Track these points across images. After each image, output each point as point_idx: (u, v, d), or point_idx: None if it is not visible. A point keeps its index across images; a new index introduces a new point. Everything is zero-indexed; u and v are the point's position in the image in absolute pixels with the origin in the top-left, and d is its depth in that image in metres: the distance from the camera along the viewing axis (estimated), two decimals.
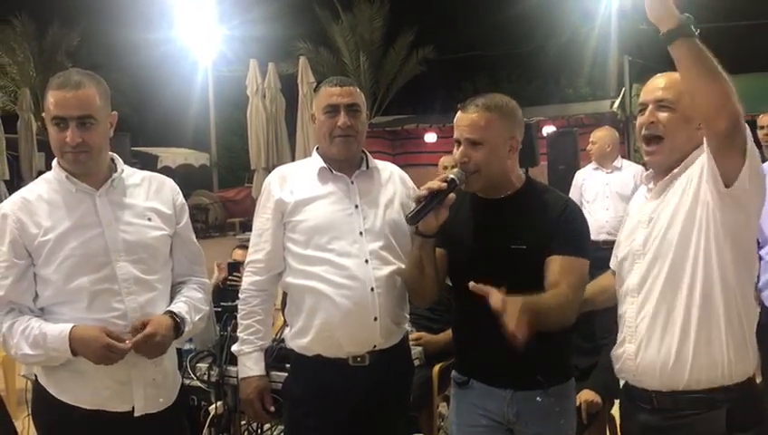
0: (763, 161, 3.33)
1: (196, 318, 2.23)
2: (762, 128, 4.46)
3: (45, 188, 2.14)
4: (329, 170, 2.39)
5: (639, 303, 1.95)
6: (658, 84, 1.97)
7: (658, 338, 1.90)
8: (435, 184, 2.07)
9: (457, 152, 2.15)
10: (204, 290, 2.33)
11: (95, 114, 2.08)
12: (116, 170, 2.19)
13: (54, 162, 2.18)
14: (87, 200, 2.13)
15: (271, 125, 9.90)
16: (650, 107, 1.96)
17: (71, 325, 2.03)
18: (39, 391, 2.17)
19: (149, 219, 2.19)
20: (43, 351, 2.04)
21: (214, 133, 21.46)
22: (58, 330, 2.03)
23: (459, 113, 2.18)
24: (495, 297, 1.86)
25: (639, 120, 2.00)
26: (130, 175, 2.24)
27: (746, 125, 1.74)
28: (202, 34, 19.99)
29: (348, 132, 2.35)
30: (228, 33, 20.24)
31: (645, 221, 1.98)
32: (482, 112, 2.13)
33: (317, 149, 2.49)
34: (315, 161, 2.44)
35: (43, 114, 2.12)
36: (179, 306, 2.19)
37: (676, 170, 1.94)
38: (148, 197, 2.23)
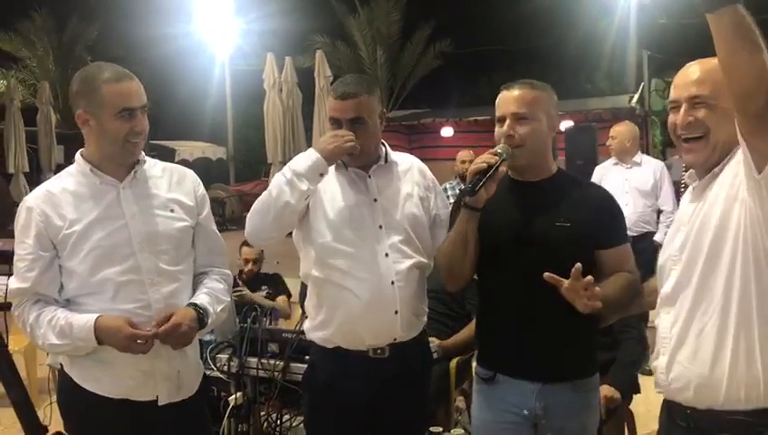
0: None
1: (219, 309, 2.25)
2: None
3: (70, 181, 2.16)
4: (344, 166, 2.40)
5: (675, 312, 1.80)
6: (691, 77, 1.79)
7: (691, 350, 1.74)
8: (488, 157, 2.09)
9: (503, 128, 2.17)
10: (225, 281, 2.35)
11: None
12: (138, 162, 2.21)
13: (78, 155, 2.20)
14: (111, 192, 2.15)
15: (287, 119, 9.92)
16: (684, 105, 1.78)
17: (96, 315, 2.05)
18: (65, 379, 2.20)
19: (172, 211, 2.21)
20: (69, 340, 2.06)
21: (231, 127, 21.56)
22: (84, 320, 2.05)
23: (503, 92, 2.22)
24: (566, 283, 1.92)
25: (672, 119, 1.83)
26: (152, 166, 2.26)
27: None
28: (219, 28, 20.05)
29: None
30: (245, 27, 20.28)
31: (684, 224, 1.83)
32: (528, 89, 2.19)
33: None
34: None
35: (80, 111, 2.11)
36: (202, 298, 2.20)
37: (716, 169, 1.77)
38: (171, 188, 2.25)
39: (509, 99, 2.18)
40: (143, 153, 2.23)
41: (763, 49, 1.51)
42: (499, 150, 2.12)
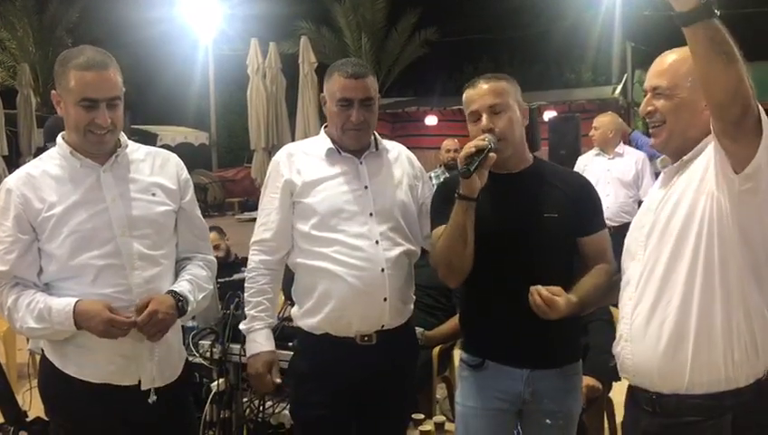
0: None
1: (200, 297, 2.23)
2: None
3: (50, 164, 2.13)
4: (337, 151, 2.38)
5: (638, 298, 1.86)
6: (656, 69, 1.89)
7: (655, 337, 1.80)
8: (479, 141, 2.07)
9: (483, 123, 2.14)
10: (209, 268, 2.33)
11: (120, 94, 2.09)
12: (120, 146, 2.18)
13: (59, 138, 2.17)
14: (92, 176, 2.12)
15: (271, 105, 9.87)
16: (648, 95, 1.90)
17: (75, 300, 2.03)
18: (46, 365, 2.18)
19: (154, 194, 2.19)
20: (48, 324, 2.05)
21: (214, 112, 21.40)
22: (63, 304, 2.03)
23: (470, 90, 2.20)
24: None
25: (641, 107, 1.96)
26: (135, 150, 2.24)
27: (758, 104, 1.61)
28: (203, 12, 19.86)
29: (361, 127, 2.33)
30: (229, 11, 20.11)
31: (652, 210, 1.90)
32: (495, 82, 2.19)
33: (325, 127, 2.47)
34: (323, 141, 2.41)
35: (54, 91, 2.10)
36: (182, 286, 2.19)
37: (685, 158, 1.84)
38: (153, 172, 2.22)
39: (480, 93, 2.17)
40: (125, 137, 2.20)
41: (739, 60, 1.55)
42: (486, 138, 2.10)
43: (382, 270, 2.29)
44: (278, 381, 2.42)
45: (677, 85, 1.83)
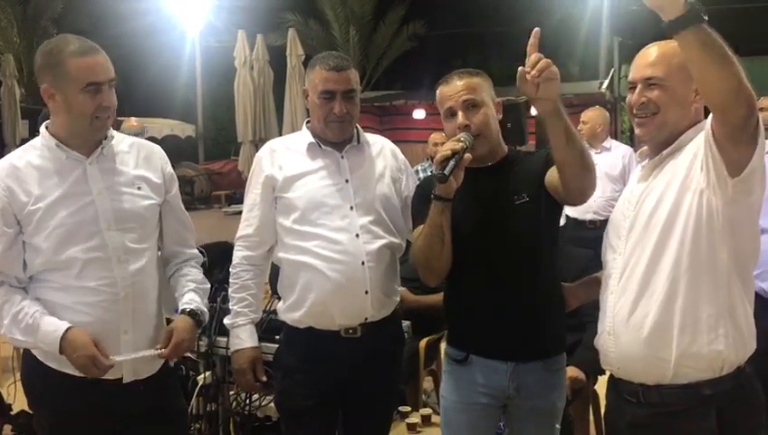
0: None
1: (206, 301, 2.30)
2: (762, 110, 4.46)
3: (34, 155, 2.11)
4: (318, 145, 2.39)
5: (620, 290, 1.88)
6: (647, 60, 1.89)
7: (638, 328, 1.83)
8: (453, 144, 2.06)
9: (459, 120, 2.14)
10: (199, 264, 2.36)
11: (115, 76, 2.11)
12: (107, 138, 2.16)
13: (42, 129, 2.14)
14: (77, 168, 2.10)
15: (258, 97, 9.85)
16: (640, 86, 1.89)
17: (65, 326, 2.02)
18: (29, 358, 2.17)
19: (139, 188, 2.18)
20: (32, 339, 2.05)
21: (200, 105, 21.26)
22: (52, 327, 2.02)
23: (443, 87, 2.20)
24: None
25: (629, 98, 1.93)
26: (120, 142, 2.22)
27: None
28: (190, 4, 19.69)
29: (343, 118, 2.34)
30: (216, 2, 19.94)
31: (633, 203, 1.92)
32: (469, 77, 2.19)
33: (307, 123, 2.48)
34: (305, 136, 2.43)
35: (44, 86, 2.05)
36: (193, 299, 2.22)
37: (665, 152, 1.87)
38: (138, 164, 2.21)
39: (456, 89, 2.16)
40: (111, 128, 2.19)
41: (734, 62, 1.55)
42: (462, 138, 2.09)
43: (363, 263, 2.29)
44: (264, 379, 2.43)
45: (671, 76, 1.84)
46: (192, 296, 2.23)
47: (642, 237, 1.85)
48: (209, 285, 2.37)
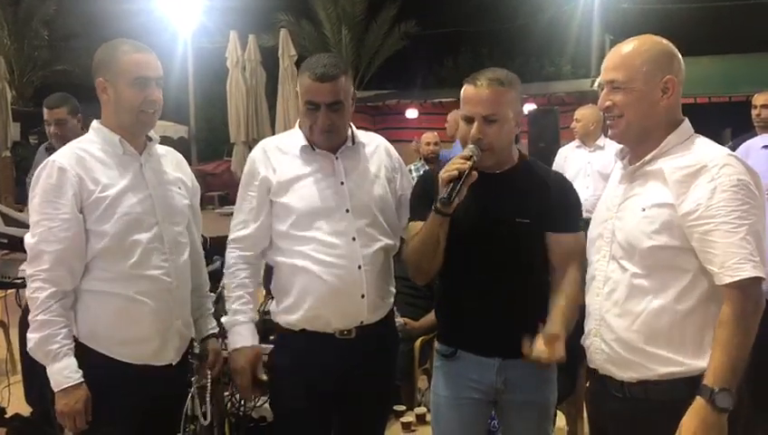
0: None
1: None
2: (755, 108, 4.47)
3: (94, 148, 2.21)
4: (311, 148, 2.36)
5: (605, 293, 1.90)
6: (611, 63, 1.90)
7: (623, 330, 1.85)
8: (460, 164, 2.03)
9: (473, 131, 2.11)
10: (202, 265, 2.56)
11: (163, 77, 2.28)
12: (152, 140, 2.31)
13: (97, 125, 2.25)
14: (134, 163, 2.24)
15: (251, 98, 9.80)
16: (605, 89, 1.90)
17: (80, 377, 2.10)
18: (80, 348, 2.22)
19: (180, 188, 2.37)
20: (46, 362, 2.11)
21: (193, 106, 21.20)
22: (68, 369, 2.10)
23: (469, 88, 2.13)
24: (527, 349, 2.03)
25: (599, 102, 1.95)
26: (157, 145, 2.37)
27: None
28: (182, 5, 19.64)
29: (329, 129, 2.29)
30: (208, 3, 19.89)
31: (615, 206, 1.93)
32: (496, 88, 2.10)
33: (299, 123, 2.45)
34: (297, 137, 2.38)
35: (100, 78, 2.19)
36: (213, 326, 2.54)
37: (647, 158, 1.87)
38: (174, 168, 2.40)
39: (478, 99, 2.10)
40: (153, 132, 2.31)
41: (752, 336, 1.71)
42: (468, 153, 2.07)
43: (359, 267, 2.28)
44: (264, 377, 2.42)
45: (633, 78, 1.85)
46: (210, 321, 2.52)
47: (628, 245, 1.85)
48: (212, 295, 2.55)
